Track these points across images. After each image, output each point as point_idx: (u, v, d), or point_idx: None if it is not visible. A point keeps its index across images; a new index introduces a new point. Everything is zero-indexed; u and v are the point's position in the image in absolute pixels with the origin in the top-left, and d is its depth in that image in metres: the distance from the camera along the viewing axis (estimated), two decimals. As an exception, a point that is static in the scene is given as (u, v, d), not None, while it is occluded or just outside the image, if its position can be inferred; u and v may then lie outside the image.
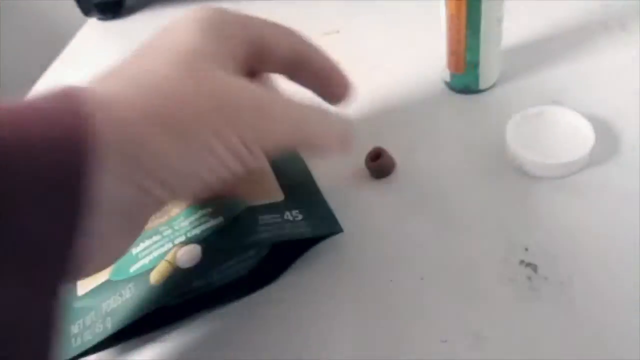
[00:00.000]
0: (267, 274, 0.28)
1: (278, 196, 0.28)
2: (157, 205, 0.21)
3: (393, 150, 0.32)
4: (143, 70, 0.21)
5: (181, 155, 0.20)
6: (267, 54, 0.25)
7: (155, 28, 0.23)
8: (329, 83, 0.27)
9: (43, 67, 0.55)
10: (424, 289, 0.26)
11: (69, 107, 0.18)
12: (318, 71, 0.27)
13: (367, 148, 0.33)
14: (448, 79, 0.36)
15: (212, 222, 0.26)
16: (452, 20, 0.31)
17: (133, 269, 0.26)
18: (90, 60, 0.53)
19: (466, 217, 0.29)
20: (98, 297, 0.26)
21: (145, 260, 0.26)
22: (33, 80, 0.55)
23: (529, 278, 0.26)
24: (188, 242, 0.26)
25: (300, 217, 0.27)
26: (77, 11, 0.58)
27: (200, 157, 0.20)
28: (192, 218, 0.27)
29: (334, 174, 0.32)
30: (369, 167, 0.31)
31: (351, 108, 0.38)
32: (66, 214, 0.17)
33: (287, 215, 0.27)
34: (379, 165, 0.31)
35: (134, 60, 0.22)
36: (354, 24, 0.47)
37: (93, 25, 0.59)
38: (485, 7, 0.30)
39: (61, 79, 0.52)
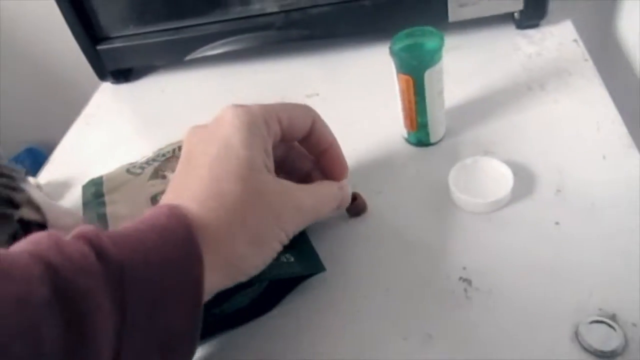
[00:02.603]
0: (266, 304, 0.36)
1: None
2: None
3: (365, 193, 0.41)
4: (219, 190, 0.30)
5: (256, 254, 0.31)
6: (289, 133, 0.35)
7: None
8: (332, 162, 0.38)
9: (64, 123, 0.64)
10: (388, 298, 0.35)
11: (185, 234, 0.28)
12: (325, 147, 0.38)
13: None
14: (406, 135, 0.45)
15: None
16: (404, 93, 0.41)
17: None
18: (107, 119, 0.63)
19: (421, 244, 0.38)
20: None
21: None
22: (54, 137, 0.63)
23: (465, 290, 0.35)
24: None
25: (292, 259, 0.35)
26: (92, 74, 0.66)
27: (268, 254, 0.32)
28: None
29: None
30: (346, 209, 0.40)
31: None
32: (193, 308, 0.27)
33: (283, 258, 0.35)
34: (355, 206, 0.40)
35: (204, 173, 0.31)
36: (332, 89, 0.57)
37: (107, 88, 0.68)
38: (427, 84, 0.40)
39: (84, 138, 0.61)
